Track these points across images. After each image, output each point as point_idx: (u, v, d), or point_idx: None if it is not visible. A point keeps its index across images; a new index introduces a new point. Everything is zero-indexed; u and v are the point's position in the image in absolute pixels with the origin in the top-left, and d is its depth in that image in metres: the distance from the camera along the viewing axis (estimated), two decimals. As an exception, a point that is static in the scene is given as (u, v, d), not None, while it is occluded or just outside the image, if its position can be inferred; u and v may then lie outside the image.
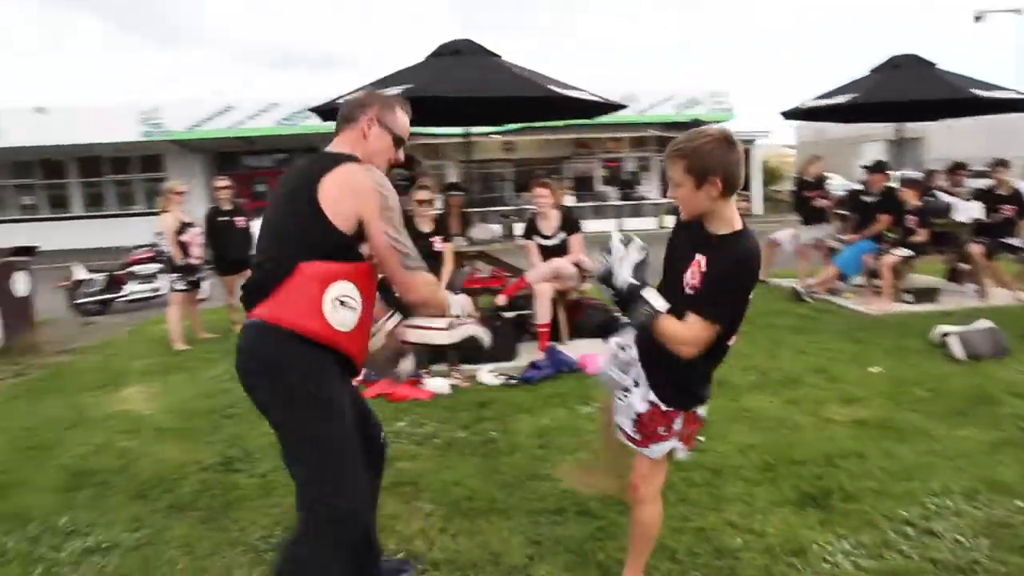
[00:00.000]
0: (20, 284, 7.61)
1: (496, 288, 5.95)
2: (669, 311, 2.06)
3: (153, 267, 10.29)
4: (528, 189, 20.68)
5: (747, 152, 20.51)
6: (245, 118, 19.85)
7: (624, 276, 2.10)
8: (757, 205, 23.40)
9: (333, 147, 2.21)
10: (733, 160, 2.03)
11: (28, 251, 7.92)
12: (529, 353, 5.62)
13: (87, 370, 6.24)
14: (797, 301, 7.70)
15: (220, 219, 7.45)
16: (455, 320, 2.43)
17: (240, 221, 7.55)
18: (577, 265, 5.72)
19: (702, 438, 2.74)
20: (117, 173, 22.83)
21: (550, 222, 5.75)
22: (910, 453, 3.50)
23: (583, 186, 22.58)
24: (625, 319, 2.22)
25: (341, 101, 5.68)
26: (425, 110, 6.31)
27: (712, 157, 2.00)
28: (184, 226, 7.16)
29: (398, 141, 2.25)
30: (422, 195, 5.55)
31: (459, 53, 5.85)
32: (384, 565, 2.53)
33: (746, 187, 21.10)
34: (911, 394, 4.43)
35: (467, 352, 5.41)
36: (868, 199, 8.05)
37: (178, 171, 22.42)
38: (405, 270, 2.13)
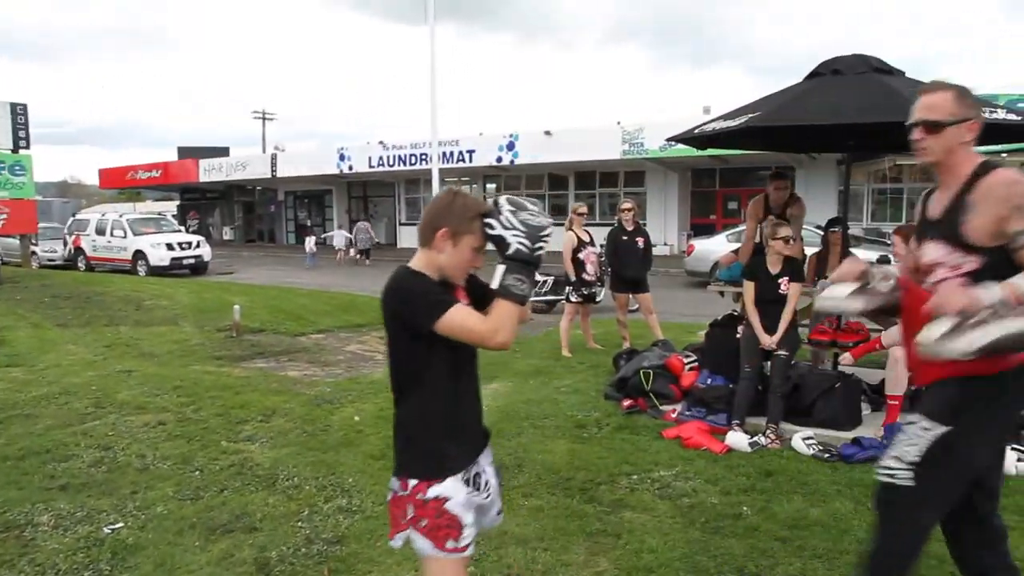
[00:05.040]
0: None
1: (846, 344, 5.12)
2: None
3: (548, 277, 11.33)
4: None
5: None
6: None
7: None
8: None
9: None
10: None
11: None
12: (875, 424, 4.74)
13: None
14: None
15: (622, 238, 7.99)
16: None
17: (640, 242, 7.99)
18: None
19: None
20: (605, 187, 25.70)
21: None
22: None
23: None
24: None
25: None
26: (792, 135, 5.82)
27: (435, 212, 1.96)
28: (581, 244, 7.90)
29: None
30: (779, 231, 5.09)
31: (838, 73, 5.15)
32: None
33: None
34: None
35: (794, 410, 4.85)
36: None
37: (656, 186, 24.31)
38: None
